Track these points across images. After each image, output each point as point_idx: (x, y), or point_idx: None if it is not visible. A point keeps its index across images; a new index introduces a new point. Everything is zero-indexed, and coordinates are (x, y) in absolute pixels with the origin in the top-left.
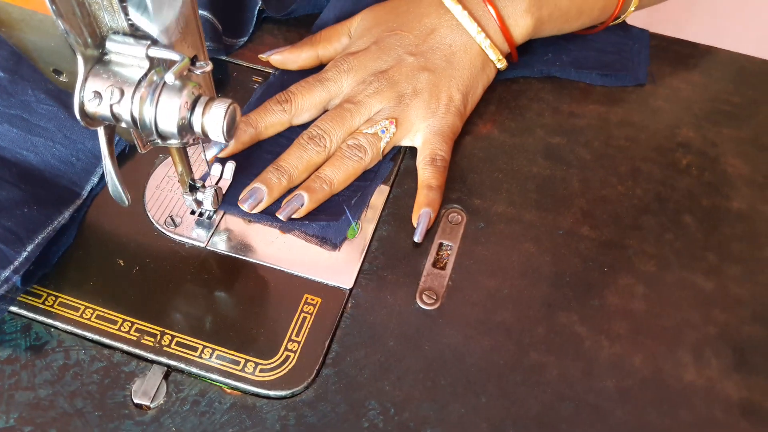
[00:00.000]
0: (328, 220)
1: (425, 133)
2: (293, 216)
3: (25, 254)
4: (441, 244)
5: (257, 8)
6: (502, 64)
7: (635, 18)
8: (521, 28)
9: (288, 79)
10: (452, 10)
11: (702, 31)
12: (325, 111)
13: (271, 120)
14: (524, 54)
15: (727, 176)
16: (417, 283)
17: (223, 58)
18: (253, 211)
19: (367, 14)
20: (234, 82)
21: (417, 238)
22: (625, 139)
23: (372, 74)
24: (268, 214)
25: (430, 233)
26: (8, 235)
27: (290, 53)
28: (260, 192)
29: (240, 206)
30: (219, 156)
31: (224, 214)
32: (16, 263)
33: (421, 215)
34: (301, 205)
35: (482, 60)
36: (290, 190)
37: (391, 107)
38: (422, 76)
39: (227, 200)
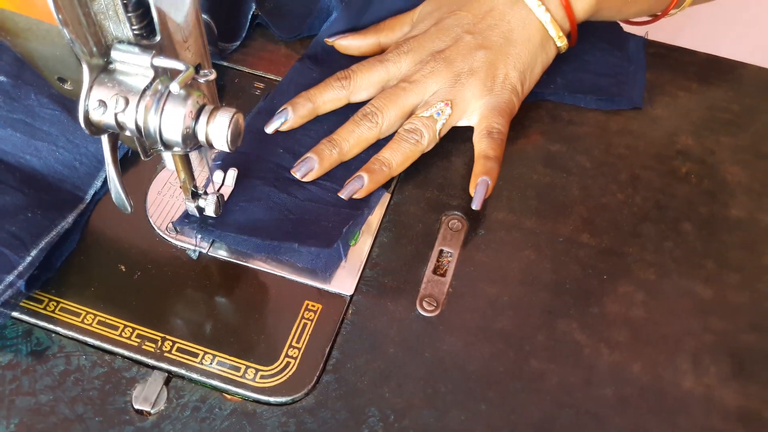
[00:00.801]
0: (318, 245)
1: (481, 110)
2: (354, 196)
3: (29, 259)
4: (441, 251)
5: (251, 13)
6: (562, 42)
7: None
8: (584, 4)
9: (296, 86)
10: None
11: (699, 38)
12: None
13: (329, 96)
14: None
15: (726, 184)
16: (417, 289)
17: (224, 64)
18: (305, 179)
19: (429, 1)
20: (236, 88)
21: (475, 206)
22: (624, 147)
23: (429, 54)
24: (259, 242)
25: (430, 240)
26: (12, 239)
27: (354, 39)
28: (312, 162)
29: (293, 174)
30: (281, 129)
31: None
32: (20, 268)
33: (479, 184)
34: (362, 186)
35: (541, 36)
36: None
37: (447, 88)
38: (479, 55)
39: (219, 227)
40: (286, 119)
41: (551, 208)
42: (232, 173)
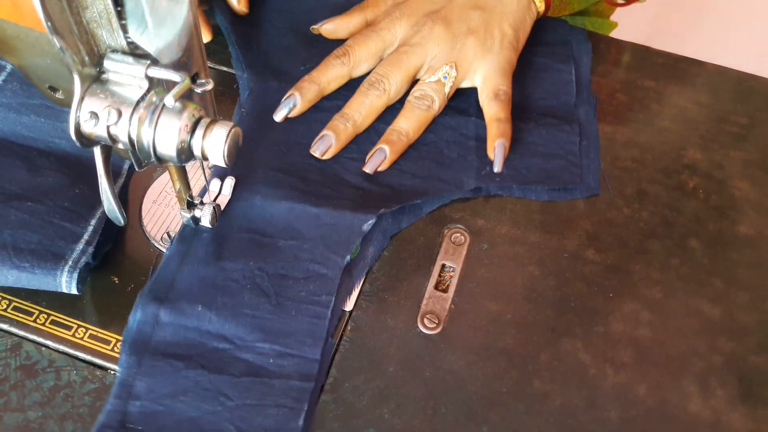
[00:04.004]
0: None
1: (484, 70)
2: (379, 168)
3: (91, 228)
4: (443, 266)
5: None
6: (542, 5)
7: (635, 31)
8: None
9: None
10: None
11: (707, 49)
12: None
13: (332, 74)
14: (456, 169)
15: (734, 200)
16: (418, 305)
17: (223, 69)
18: (324, 157)
19: None
20: (234, 93)
21: (497, 168)
22: (631, 160)
23: (424, 15)
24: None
25: (431, 254)
26: (69, 213)
27: (341, 21)
28: (329, 138)
29: (312, 153)
30: (290, 115)
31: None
32: (86, 236)
33: (497, 146)
34: (384, 157)
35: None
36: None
37: (447, 50)
38: (474, 14)
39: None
40: (295, 104)
41: (556, 223)
42: (230, 182)
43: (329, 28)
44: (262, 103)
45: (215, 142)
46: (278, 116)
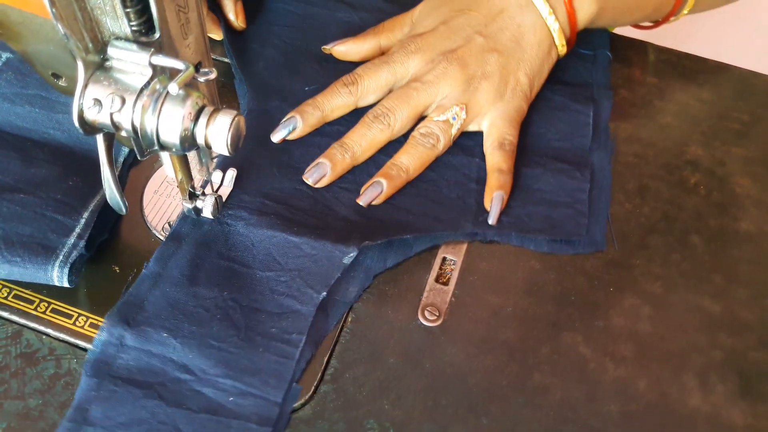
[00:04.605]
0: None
1: (492, 117)
2: (373, 203)
3: (83, 221)
4: (444, 259)
5: None
6: (563, 49)
7: (636, 30)
8: (586, 13)
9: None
10: None
11: (710, 46)
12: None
13: (337, 102)
14: (453, 210)
15: (736, 196)
16: (419, 298)
17: (225, 60)
18: (316, 185)
19: None
20: (236, 85)
21: (491, 221)
22: (633, 156)
23: (440, 54)
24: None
25: (432, 247)
26: (61, 206)
27: (353, 44)
28: (324, 167)
29: (304, 179)
30: (288, 138)
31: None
32: (78, 229)
33: (494, 198)
34: (381, 191)
35: (549, 43)
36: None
37: (460, 92)
38: (492, 58)
39: None
40: (294, 127)
41: None
42: (231, 173)
43: (341, 50)
44: (261, 123)
45: (219, 130)
46: (276, 137)
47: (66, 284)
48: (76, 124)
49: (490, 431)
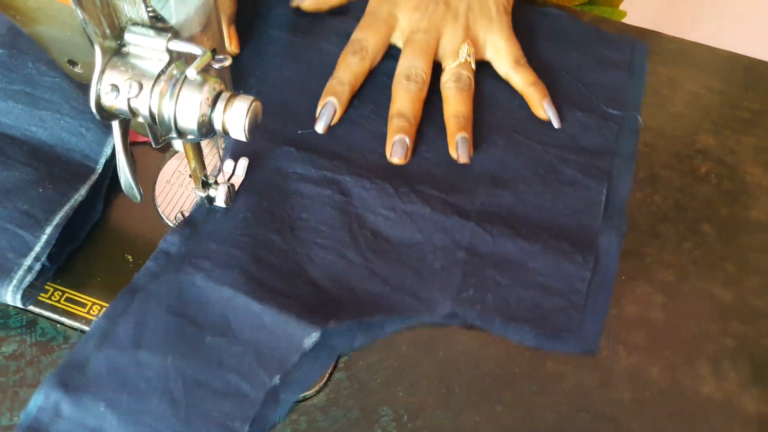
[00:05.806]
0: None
1: (493, 41)
2: (470, 154)
3: (44, 237)
4: None
5: None
6: None
7: (643, 20)
8: None
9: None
10: None
11: (720, 35)
12: (391, 46)
13: (355, 71)
14: (434, 284)
15: (746, 185)
16: None
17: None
18: (333, 122)
19: None
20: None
21: (557, 125)
22: (643, 145)
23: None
24: None
25: None
26: (25, 218)
27: None
28: (403, 137)
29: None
30: (333, 123)
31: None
32: (37, 248)
33: (546, 107)
34: (468, 144)
35: None
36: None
37: (455, 29)
38: None
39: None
40: (335, 109)
41: None
42: (243, 162)
43: (308, 3)
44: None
45: (236, 116)
46: (320, 127)
47: (19, 305)
48: (93, 110)
49: (504, 418)
